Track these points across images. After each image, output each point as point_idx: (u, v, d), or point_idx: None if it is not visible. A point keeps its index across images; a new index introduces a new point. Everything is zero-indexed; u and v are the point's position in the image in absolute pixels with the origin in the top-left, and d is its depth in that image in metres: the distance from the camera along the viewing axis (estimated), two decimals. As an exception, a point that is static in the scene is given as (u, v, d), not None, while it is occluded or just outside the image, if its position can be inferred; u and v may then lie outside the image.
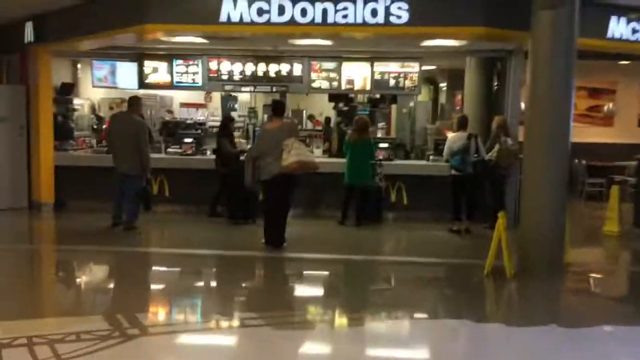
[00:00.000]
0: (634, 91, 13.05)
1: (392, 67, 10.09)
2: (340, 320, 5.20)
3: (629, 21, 8.10)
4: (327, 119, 11.90)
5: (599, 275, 6.88)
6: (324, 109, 12.66)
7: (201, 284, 6.44)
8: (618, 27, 8.08)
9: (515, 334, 4.67)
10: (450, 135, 8.69)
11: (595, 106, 13.03)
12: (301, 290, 6.24)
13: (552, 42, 6.08)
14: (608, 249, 8.16)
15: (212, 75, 10.27)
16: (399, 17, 7.26)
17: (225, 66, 10.24)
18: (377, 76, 10.08)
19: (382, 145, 9.50)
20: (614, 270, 7.31)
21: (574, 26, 6.12)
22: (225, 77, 10.27)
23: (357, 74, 10.12)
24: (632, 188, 9.63)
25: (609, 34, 8.06)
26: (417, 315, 5.38)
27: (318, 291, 6.18)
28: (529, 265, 6.24)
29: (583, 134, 12.53)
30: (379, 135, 10.50)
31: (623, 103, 12.99)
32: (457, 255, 7.26)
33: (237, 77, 10.26)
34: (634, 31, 8.29)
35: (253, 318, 4.84)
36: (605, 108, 13.02)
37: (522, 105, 7.75)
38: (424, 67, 10.80)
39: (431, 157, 9.41)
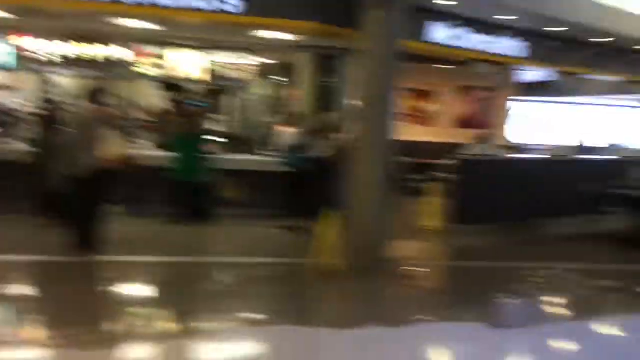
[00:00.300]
0: (452, 94, 14.08)
1: (228, 58, 9.76)
2: (165, 331, 4.76)
3: (452, 27, 8.59)
4: (159, 109, 11.18)
5: (420, 271, 7.15)
6: (155, 98, 11.89)
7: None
8: (441, 33, 8.53)
9: (338, 337, 4.61)
10: (285, 131, 8.57)
11: (418, 107, 13.85)
12: (119, 300, 5.65)
13: (379, 42, 6.17)
14: (430, 244, 8.58)
15: (24, 54, 9.10)
16: (234, 5, 6.94)
17: (41, 45, 9.14)
18: (212, 66, 9.68)
19: (215, 139, 9.10)
20: (435, 266, 7.63)
21: (401, 27, 6.26)
22: (40, 57, 9.17)
23: (191, 63, 9.62)
24: (451, 185, 10.28)
25: (432, 39, 8.48)
26: (242, 321, 5.14)
27: (139, 299, 5.66)
28: (356, 264, 6.29)
29: (408, 132, 13.24)
30: (214, 128, 10.08)
31: (442, 104, 13.95)
32: (290, 254, 7.14)
33: (54, 58, 9.21)
34: (456, 37, 8.82)
35: (55, 337, 4.22)
36: (428, 109, 13.89)
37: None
38: (262, 60, 10.60)
39: (267, 153, 9.22)
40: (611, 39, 10.97)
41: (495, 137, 12.89)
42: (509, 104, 15.08)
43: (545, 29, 10.03)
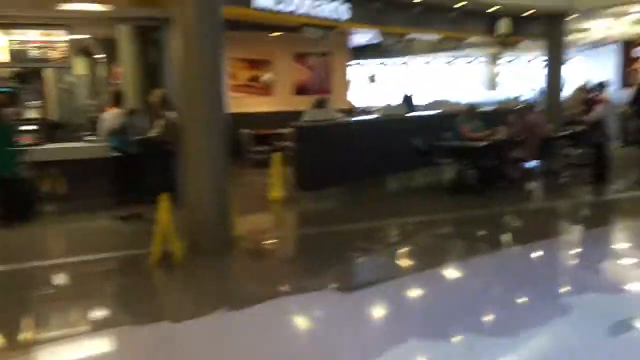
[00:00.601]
0: (288, 62, 13.99)
1: (33, 36, 8.62)
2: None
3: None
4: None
5: (268, 243, 6.97)
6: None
7: None
8: (266, -2, 8.28)
9: (186, 329, 4.29)
10: (110, 112, 7.85)
11: (255, 77, 13.59)
12: None
13: (197, 8, 5.74)
14: (274, 215, 8.43)
15: None
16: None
17: None
18: (15, 46, 8.50)
19: (26, 127, 8.09)
20: (281, 236, 7.44)
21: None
22: None
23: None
24: (292, 153, 10.21)
25: (254, 4, 8.18)
26: (78, 326, 4.59)
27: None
28: (198, 246, 5.95)
29: (246, 104, 12.98)
30: (27, 115, 9.01)
31: (279, 73, 13.82)
32: (125, 245, 6.56)
33: None
34: (282, 2, 8.60)
35: None
36: (263, 78, 13.67)
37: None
38: (75, 36, 9.55)
39: (89, 138, 8.40)
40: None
41: (331, 101, 13.05)
42: (346, 67, 15.39)
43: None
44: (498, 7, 13.10)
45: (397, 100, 15.53)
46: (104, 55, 12.28)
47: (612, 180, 9.51)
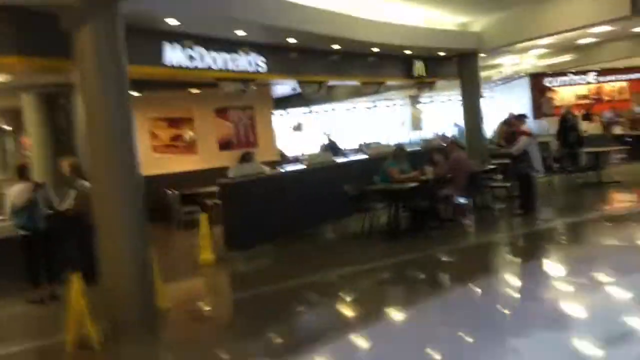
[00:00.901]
0: (210, 118, 13.67)
1: None
2: None
3: (184, 48, 8.12)
4: None
5: (198, 313, 6.45)
6: None
7: None
8: (174, 54, 8.01)
9: None
10: (15, 187, 7.21)
11: (177, 136, 13.17)
12: None
13: (98, 71, 5.38)
14: (204, 280, 7.92)
15: None
16: None
17: None
18: None
19: None
20: (212, 303, 6.93)
21: (119, 49, 5.53)
22: None
23: None
24: (219, 211, 9.77)
25: (166, 61, 7.92)
26: None
27: None
28: (120, 325, 5.41)
29: (170, 164, 12.51)
30: None
31: (202, 130, 13.46)
32: (38, 333, 5.92)
33: None
34: (191, 58, 8.37)
35: None
36: (186, 136, 13.28)
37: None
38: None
39: (-5, 216, 7.70)
40: (345, 46, 11.52)
41: (258, 153, 12.81)
42: (271, 118, 15.22)
43: (279, 40, 10.10)
44: (410, 51, 13.39)
45: (322, 146, 15.49)
46: (10, 128, 11.60)
47: (540, 209, 9.64)
